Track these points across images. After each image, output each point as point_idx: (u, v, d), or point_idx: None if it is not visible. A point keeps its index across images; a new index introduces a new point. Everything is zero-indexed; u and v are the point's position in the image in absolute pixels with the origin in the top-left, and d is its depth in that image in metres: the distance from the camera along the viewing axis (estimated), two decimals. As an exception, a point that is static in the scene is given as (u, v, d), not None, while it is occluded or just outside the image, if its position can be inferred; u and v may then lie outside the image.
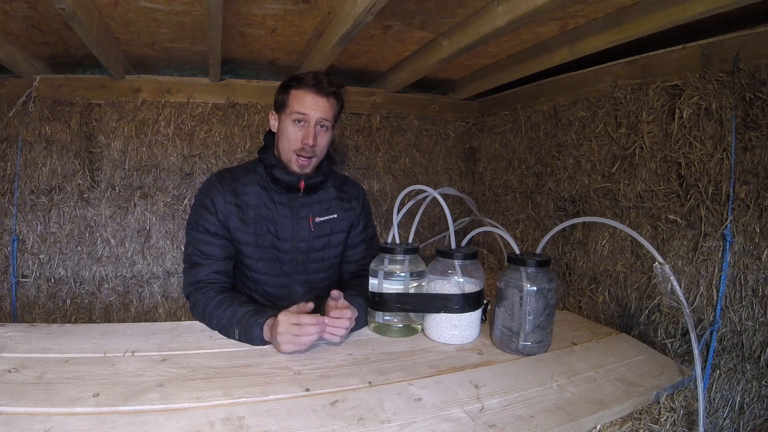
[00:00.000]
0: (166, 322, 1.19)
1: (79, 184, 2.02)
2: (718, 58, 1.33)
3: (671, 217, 1.43)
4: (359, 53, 1.88)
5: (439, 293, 1.06)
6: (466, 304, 1.03)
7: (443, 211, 1.11)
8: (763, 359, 1.20)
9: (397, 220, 1.12)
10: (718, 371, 1.28)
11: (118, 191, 2.06)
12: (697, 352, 0.88)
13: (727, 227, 1.27)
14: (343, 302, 1.04)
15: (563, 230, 1.84)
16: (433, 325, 1.08)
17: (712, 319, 1.29)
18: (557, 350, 1.05)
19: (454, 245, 1.10)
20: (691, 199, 1.38)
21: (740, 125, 1.26)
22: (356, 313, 1.04)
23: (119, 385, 0.79)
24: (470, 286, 1.06)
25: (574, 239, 1.84)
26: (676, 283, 0.92)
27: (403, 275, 1.07)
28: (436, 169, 2.55)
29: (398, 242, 1.10)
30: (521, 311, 0.99)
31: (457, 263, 1.06)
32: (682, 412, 0.88)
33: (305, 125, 1.16)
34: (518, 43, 1.71)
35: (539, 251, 1.06)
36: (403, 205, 1.16)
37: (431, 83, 2.39)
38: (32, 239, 1.97)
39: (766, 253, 1.20)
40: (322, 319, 0.96)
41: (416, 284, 1.08)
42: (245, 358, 0.94)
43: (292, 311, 0.96)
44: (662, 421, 0.84)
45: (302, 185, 1.19)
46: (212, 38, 1.54)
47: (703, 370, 1.20)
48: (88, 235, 2.03)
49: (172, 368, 0.87)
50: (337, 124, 1.26)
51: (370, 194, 2.36)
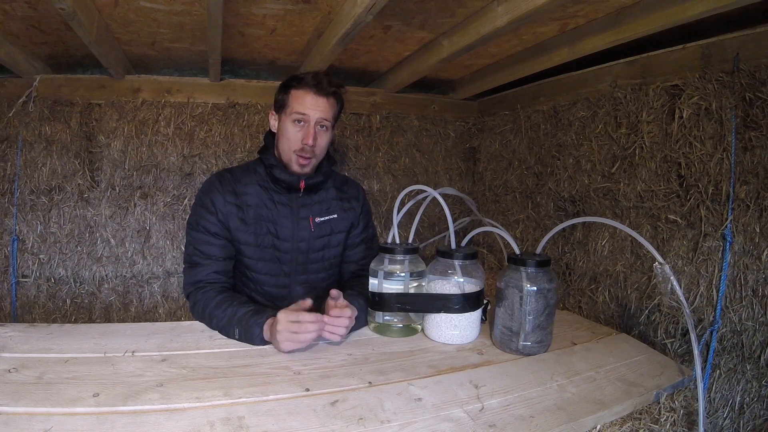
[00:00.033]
0: (166, 322, 1.19)
1: (79, 184, 2.02)
2: (718, 58, 1.33)
3: (671, 217, 1.43)
4: (359, 53, 1.88)
5: (439, 293, 1.06)
6: (466, 304, 1.03)
7: (443, 211, 1.11)
8: (763, 359, 1.20)
9: (397, 220, 1.12)
10: (718, 371, 1.28)
11: (118, 191, 2.06)
12: (697, 352, 0.88)
13: (727, 227, 1.27)
14: (342, 301, 1.04)
15: (563, 230, 1.84)
16: (433, 325, 1.08)
17: (712, 319, 1.29)
18: (557, 350, 1.05)
19: (454, 245, 1.10)
20: (691, 199, 1.38)
21: (740, 125, 1.26)
22: (356, 312, 1.04)
23: (119, 385, 0.79)
24: (470, 286, 1.06)
25: (574, 239, 1.84)
26: (676, 283, 0.92)
27: (403, 275, 1.07)
28: (436, 169, 2.55)
29: (398, 242, 1.10)
30: (521, 311, 0.99)
31: (457, 263, 1.06)
32: (682, 412, 0.88)
33: (305, 125, 1.16)
34: (518, 43, 1.71)
35: (539, 251, 1.06)
36: (403, 205, 1.16)
37: (431, 83, 2.39)
38: (32, 239, 1.97)
39: (766, 253, 1.20)
40: (321, 317, 0.96)
41: (416, 284, 1.08)
42: (245, 358, 0.94)
43: (291, 309, 0.97)
44: (662, 421, 0.84)
45: (302, 185, 1.19)
46: (212, 38, 1.54)
47: (703, 370, 1.20)
48: (88, 235, 2.03)
49: (172, 368, 0.87)
50: (337, 124, 1.26)
51: (370, 194, 2.36)
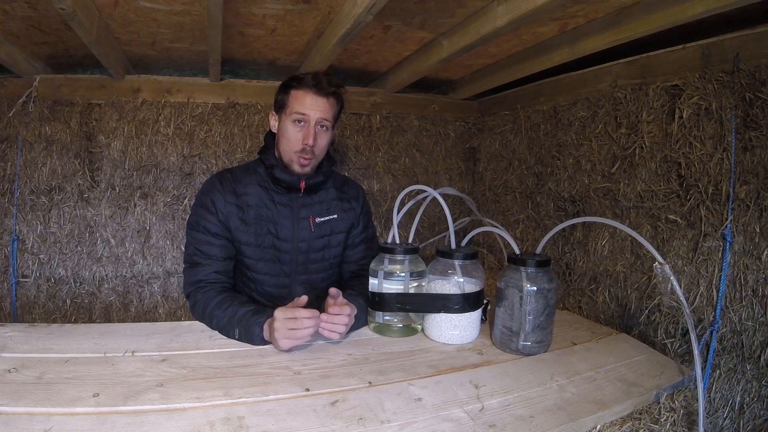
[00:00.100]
0: (166, 322, 1.19)
1: (79, 184, 2.02)
2: (718, 58, 1.33)
3: (671, 217, 1.43)
4: (359, 53, 1.88)
5: (439, 293, 1.06)
6: (466, 304, 1.03)
7: (443, 211, 1.11)
8: (763, 359, 1.20)
9: (397, 220, 1.12)
10: (718, 371, 1.28)
11: (118, 191, 2.06)
12: (697, 352, 0.88)
13: (727, 227, 1.27)
14: (342, 300, 1.04)
15: (563, 230, 1.84)
16: (433, 325, 1.08)
17: (712, 319, 1.29)
18: (557, 350, 1.05)
19: (454, 245, 1.10)
20: (691, 199, 1.38)
21: (740, 125, 1.26)
22: (355, 310, 1.05)
23: (119, 385, 0.79)
24: (470, 286, 1.06)
25: (574, 239, 1.84)
26: (676, 283, 0.92)
27: (403, 275, 1.06)
28: (436, 169, 2.55)
29: (398, 242, 1.10)
30: (521, 311, 0.99)
31: (457, 263, 1.06)
32: (682, 412, 0.88)
33: (305, 125, 1.16)
34: (518, 43, 1.71)
35: (539, 251, 1.06)
36: (403, 205, 1.16)
37: (431, 83, 2.39)
38: (32, 239, 1.97)
39: (766, 253, 1.20)
40: (317, 312, 0.97)
41: (416, 284, 1.08)
42: (245, 358, 0.94)
43: (287, 307, 0.97)
44: (662, 421, 0.84)
45: (303, 185, 1.19)
46: (212, 38, 1.54)
47: (703, 370, 1.20)
48: (88, 235, 2.03)
49: (172, 368, 0.87)
50: (337, 124, 1.26)
51: (370, 194, 2.36)
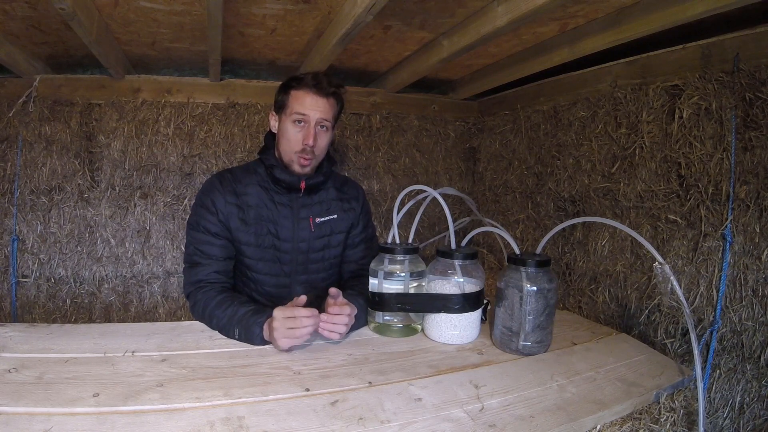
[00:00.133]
0: (166, 322, 1.19)
1: (79, 184, 2.02)
2: (718, 58, 1.33)
3: (671, 217, 1.43)
4: (359, 53, 1.88)
5: (439, 293, 1.06)
6: (466, 304, 1.03)
7: (443, 211, 1.11)
8: (763, 359, 1.20)
9: (397, 220, 1.12)
10: (718, 371, 1.28)
11: (118, 191, 2.06)
12: (697, 352, 0.88)
13: (727, 227, 1.27)
14: (342, 299, 1.04)
15: (563, 230, 1.84)
16: (433, 325, 1.08)
17: (712, 319, 1.29)
18: (557, 350, 1.05)
19: (454, 245, 1.10)
20: (691, 199, 1.38)
21: (740, 125, 1.26)
22: (355, 310, 1.05)
23: (119, 385, 0.79)
24: (470, 286, 1.06)
25: (574, 239, 1.84)
26: (676, 283, 0.92)
27: (403, 275, 1.06)
28: (436, 169, 2.55)
29: (398, 242, 1.10)
30: (521, 311, 0.99)
31: (457, 263, 1.06)
32: (682, 412, 0.88)
33: (305, 126, 1.16)
34: (518, 43, 1.71)
35: (539, 251, 1.06)
36: (403, 205, 1.16)
37: (431, 83, 2.39)
38: (32, 239, 1.97)
39: (766, 253, 1.20)
40: (316, 311, 0.97)
41: (416, 284, 1.08)
42: (245, 358, 0.94)
43: (286, 306, 0.97)
44: (662, 421, 0.84)
45: (303, 186, 1.19)
46: (212, 38, 1.54)
47: (703, 370, 1.20)
48: (88, 235, 2.03)
49: (172, 368, 0.87)
50: (337, 124, 1.26)
51: (370, 194, 2.36)
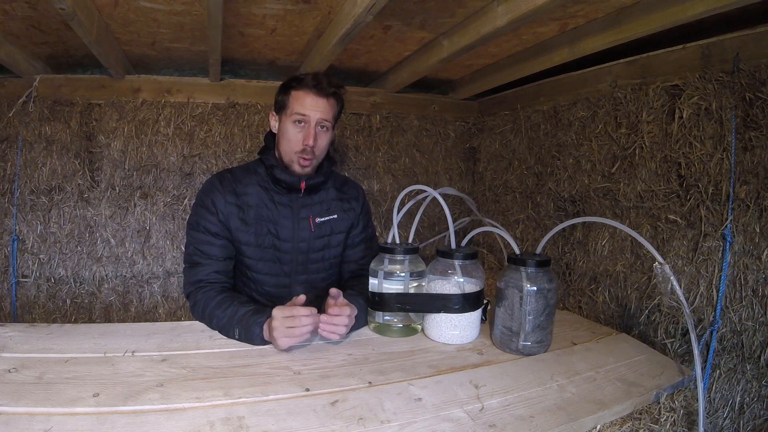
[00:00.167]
0: (166, 322, 1.19)
1: (79, 184, 2.02)
2: (718, 58, 1.33)
3: (671, 217, 1.43)
4: (359, 53, 1.88)
5: (439, 293, 1.06)
6: (466, 304, 1.03)
7: (443, 211, 1.11)
8: (763, 359, 1.20)
9: (397, 220, 1.12)
10: (718, 371, 1.28)
11: (118, 191, 2.06)
12: (697, 352, 0.88)
13: (727, 227, 1.27)
14: (342, 300, 1.04)
15: (563, 230, 1.84)
16: (433, 325, 1.08)
17: (712, 319, 1.29)
18: (557, 350, 1.05)
19: (454, 245, 1.10)
20: (691, 199, 1.38)
21: (740, 125, 1.26)
22: (356, 311, 1.04)
23: (119, 385, 0.79)
24: (470, 286, 1.06)
25: (574, 239, 1.84)
26: (676, 283, 0.92)
27: (403, 275, 1.06)
28: (436, 169, 2.55)
29: (398, 242, 1.10)
30: (521, 311, 0.99)
31: (457, 263, 1.06)
32: (682, 412, 0.88)
33: (305, 126, 1.16)
34: (518, 43, 1.71)
35: (539, 251, 1.06)
36: (403, 205, 1.16)
37: (431, 83, 2.39)
38: (32, 239, 1.97)
39: (766, 253, 1.20)
40: (315, 310, 0.96)
41: (416, 284, 1.08)
42: (245, 358, 0.94)
43: (285, 306, 0.97)
44: (662, 421, 0.84)
45: (303, 186, 1.19)
46: (212, 38, 1.54)
47: (703, 370, 1.20)
48: (88, 235, 2.03)
49: (172, 368, 0.87)
50: (337, 124, 1.26)
51: (370, 194, 2.36)
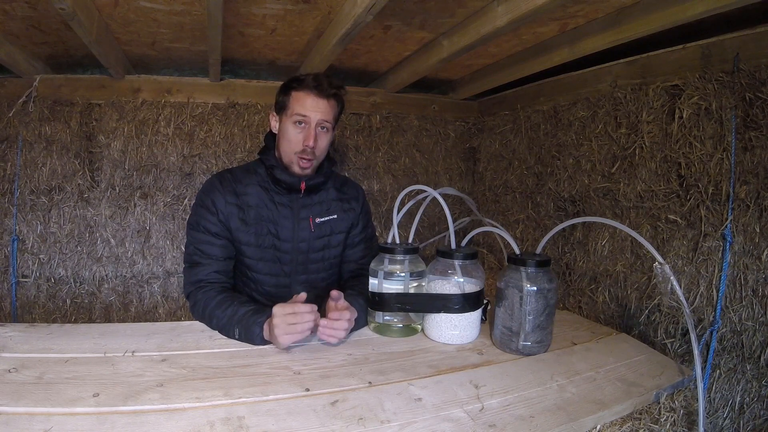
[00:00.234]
0: (166, 322, 1.19)
1: (79, 184, 2.02)
2: (718, 58, 1.33)
3: (671, 217, 1.43)
4: (359, 53, 1.88)
5: (439, 293, 1.06)
6: (466, 304, 1.03)
7: (443, 211, 1.11)
8: (763, 359, 1.20)
9: (397, 220, 1.12)
10: (718, 371, 1.28)
11: (118, 191, 2.06)
12: (697, 352, 0.88)
13: (727, 227, 1.27)
14: (343, 303, 1.04)
15: (563, 230, 1.84)
16: (433, 325, 1.08)
17: (712, 319, 1.29)
18: (557, 350, 1.05)
19: (454, 245, 1.10)
20: (691, 199, 1.38)
21: (740, 125, 1.26)
22: (356, 313, 1.04)
23: (119, 385, 0.79)
24: (470, 286, 1.06)
25: (574, 239, 1.84)
26: (676, 283, 0.92)
27: (403, 275, 1.06)
28: (436, 169, 2.55)
29: (398, 242, 1.10)
30: (521, 311, 0.99)
31: (457, 263, 1.06)
32: (682, 412, 0.88)
33: (306, 127, 1.16)
34: (518, 43, 1.71)
35: (539, 251, 1.06)
36: (403, 205, 1.16)
37: (431, 83, 2.39)
38: (32, 239, 1.97)
39: (766, 253, 1.20)
40: (316, 306, 0.97)
41: (416, 284, 1.08)
42: (245, 358, 0.94)
43: (285, 303, 0.97)
44: (662, 421, 0.84)
45: (303, 186, 1.19)
46: (212, 38, 1.54)
47: (703, 370, 1.20)
48: (88, 235, 2.03)
49: (172, 368, 0.87)
50: (337, 124, 1.26)
51: (370, 194, 2.36)
